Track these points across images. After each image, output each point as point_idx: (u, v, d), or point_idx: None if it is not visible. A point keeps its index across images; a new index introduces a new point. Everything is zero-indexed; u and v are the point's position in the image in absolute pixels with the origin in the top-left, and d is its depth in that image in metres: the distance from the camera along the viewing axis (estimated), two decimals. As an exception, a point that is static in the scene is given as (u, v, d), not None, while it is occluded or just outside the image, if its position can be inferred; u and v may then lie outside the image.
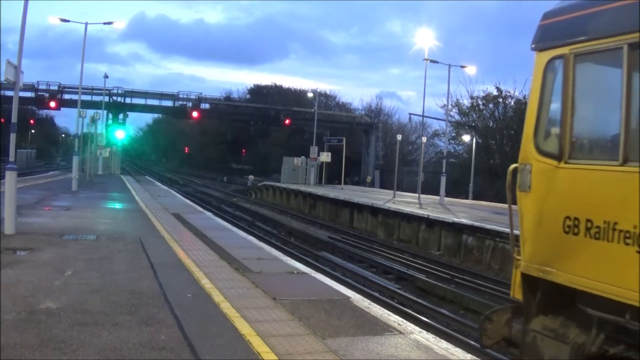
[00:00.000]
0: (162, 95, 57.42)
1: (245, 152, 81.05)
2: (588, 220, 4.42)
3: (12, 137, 11.27)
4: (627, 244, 4.07)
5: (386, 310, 6.62)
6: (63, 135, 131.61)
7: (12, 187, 10.91)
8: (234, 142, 79.57)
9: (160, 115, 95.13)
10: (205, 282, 7.40)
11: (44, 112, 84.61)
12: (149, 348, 4.76)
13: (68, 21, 29.65)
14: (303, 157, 44.30)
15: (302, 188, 36.48)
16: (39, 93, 50.01)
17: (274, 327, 5.58)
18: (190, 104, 55.82)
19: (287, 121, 56.84)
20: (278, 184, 41.30)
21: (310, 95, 57.80)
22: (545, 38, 5.07)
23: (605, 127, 4.76)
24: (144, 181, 40.44)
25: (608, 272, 4.26)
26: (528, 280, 5.06)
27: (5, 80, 11.27)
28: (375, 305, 6.82)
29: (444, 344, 5.37)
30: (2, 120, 38.17)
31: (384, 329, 5.77)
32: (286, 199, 37.39)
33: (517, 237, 5.19)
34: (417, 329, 5.90)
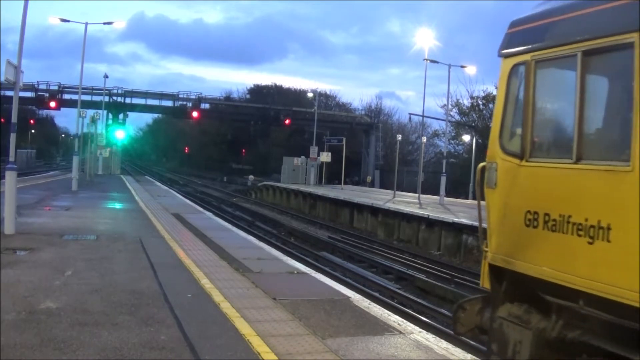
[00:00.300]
0: (162, 95, 57.44)
1: (245, 152, 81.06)
2: (546, 214, 4.81)
3: (12, 137, 11.27)
4: (579, 236, 4.44)
5: (386, 310, 6.63)
6: (63, 135, 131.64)
7: (12, 187, 10.91)
8: (234, 142, 79.57)
9: (160, 115, 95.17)
10: (205, 282, 7.40)
11: (44, 112, 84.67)
12: (149, 348, 4.76)
13: (68, 21, 29.67)
14: (303, 157, 44.31)
15: (302, 188, 36.49)
16: (39, 93, 50.02)
17: (274, 327, 5.58)
18: (190, 104, 55.83)
19: (287, 121, 56.85)
20: (278, 184, 41.31)
21: (310, 95, 57.80)
22: (510, 45, 5.48)
23: (562, 127, 5.15)
24: (144, 181, 40.45)
25: (563, 262, 4.62)
26: (495, 271, 5.45)
27: (5, 80, 11.27)
28: (375, 305, 6.82)
29: (444, 344, 5.37)
30: (2, 120, 38.17)
31: (384, 329, 5.77)
32: (286, 199, 37.39)
33: (485, 231, 5.56)
34: (417, 329, 5.90)
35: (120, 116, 53.57)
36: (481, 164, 5.70)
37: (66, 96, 51.00)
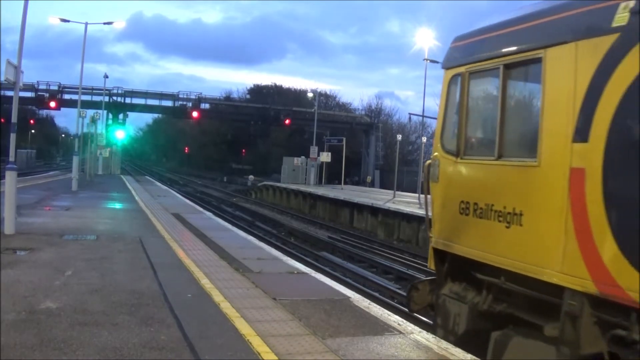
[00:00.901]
0: (162, 95, 57.45)
1: (245, 152, 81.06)
2: (475, 203, 5.70)
3: (12, 137, 11.27)
4: (499, 221, 5.32)
5: (386, 310, 6.62)
6: (63, 135, 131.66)
7: (12, 187, 10.91)
8: (234, 142, 79.56)
9: (160, 115, 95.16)
10: (205, 282, 7.40)
11: (44, 112, 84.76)
12: (149, 348, 4.76)
13: (68, 21, 29.70)
14: (303, 157, 44.32)
15: (302, 188, 36.49)
16: (39, 93, 50.03)
17: (274, 327, 5.58)
18: (190, 104, 55.84)
19: (287, 121, 56.85)
20: (278, 184, 41.31)
21: (310, 95, 57.82)
22: (450, 59, 6.41)
23: (487, 130, 5.98)
24: (144, 181, 40.44)
25: (487, 244, 5.50)
26: (438, 254, 6.41)
27: (5, 80, 11.27)
28: (375, 305, 6.81)
29: (444, 344, 5.37)
30: (2, 120, 38.19)
31: (384, 329, 5.77)
32: (286, 199, 37.41)
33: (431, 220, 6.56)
34: (417, 329, 5.90)
35: (120, 116, 53.58)
36: (427, 162, 6.68)
37: (66, 96, 51.02)
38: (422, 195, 28.66)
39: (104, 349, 4.67)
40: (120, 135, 48.50)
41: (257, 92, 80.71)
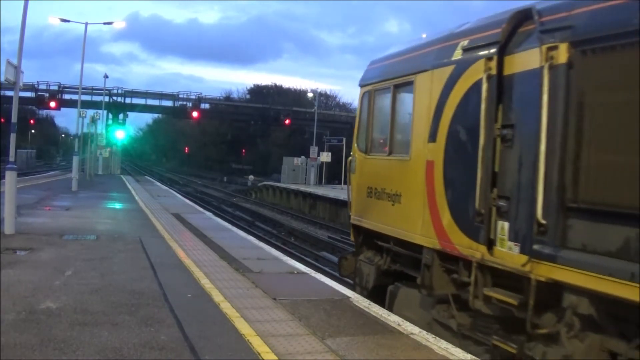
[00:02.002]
0: (162, 95, 57.42)
1: (245, 152, 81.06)
2: (375, 188, 7.62)
3: (12, 137, 11.28)
4: (389, 201, 7.21)
5: (386, 310, 6.62)
6: (63, 135, 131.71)
7: (12, 187, 10.91)
8: (234, 142, 79.58)
9: (160, 115, 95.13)
10: (205, 282, 7.40)
11: (44, 112, 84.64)
12: (149, 348, 4.76)
13: (68, 21, 29.72)
14: (303, 157, 44.32)
15: (302, 188, 36.49)
16: (39, 93, 49.99)
17: (274, 327, 5.58)
18: (190, 104, 55.80)
19: (287, 121, 56.84)
20: (278, 184, 41.31)
21: (310, 95, 57.82)
22: (364, 79, 8.38)
23: (384, 133, 7.76)
24: (144, 181, 40.44)
25: (382, 218, 7.38)
26: (355, 229, 8.43)
27: (5, 80, 11.27)
28: (375, 305, 6.81)
29: (443, 344, 5.37)
30: (2, 120, 38.18)
31: (384, 329, 5.77)
32: (286, 199, 37.40)
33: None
34: (417, 329, 5.89)
35: (120, 116, 53.52)
36: (349, 158, 8.74)
37: (66, 96, 50.98)
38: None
39: (104, 349, 4.67)
40: (120, 135, 48.47)
41: (257, 92, 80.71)
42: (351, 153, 8.70)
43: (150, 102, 57.29)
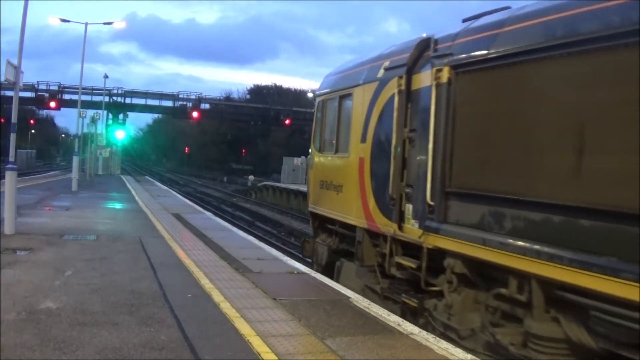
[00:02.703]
0: (162, 96, 57.39)
1: (245, 152, 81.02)
2: (326, 181, 9.29)
3: (12, 137, 11.28)
4: (334, 191, 8.85)
5: (386, 310, 6.62)
6: (63, 135, 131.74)
7: (12, 187, 10.92)
8: (234, 142, 79.57)
9: (160, 115, 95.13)
10: (205, 282, 7.40)
11: (44, 112, 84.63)
12: (149, 348, 4.76)
13: (68, 21, 29.73)
14: (303, 157, 44.24)
15: (302, 188, 36.44)
16: (39, 93, 49.96)
17: (274, 327, 5.58)
18: (190, 104, 55.78)
19: (287, 121, 56.83)
20: (278, 184, 41.29)
21: (310, 95, 57.81)
22: (319, 89, 10.29)
23: (332, 136, 9.39)
24: (144, 181, 40.43)
25: (330, 205, 9.06)
26: (312, 215, 10.14)
27: (5, 80, 11.28)
28: (375, 305, 6.82)
29: (443, 344, 5.37)
30: (2, 120, 38.18)
31: (384, 329, 5.77)
32: (286, 199, 37.38)
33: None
34: (417, 329, 5.90)
35: (120, 116, 53.49)
36: (309, 156, 10.61)
37: (66, 96, 50.94)
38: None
39: (104, 349, 4.67)
40: (120, 135, 48.46)
41: (257, 92, 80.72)
42: (310, 152, 10.48)
43: (150, 102, 57.26)
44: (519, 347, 5.17)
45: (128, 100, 54.96)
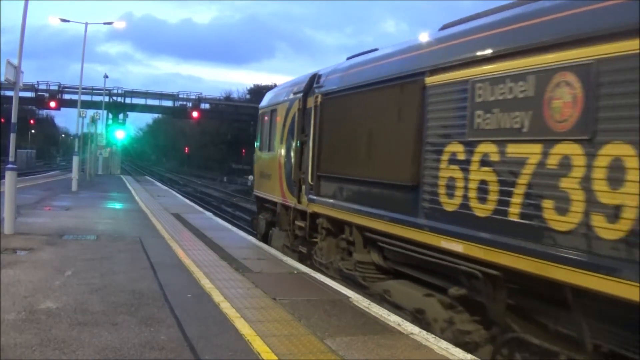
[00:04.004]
0: (162, 95, 57.43)
1: (245, 152, 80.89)
2: (263, 172, 12.52)
3: (12, 137, 11.28)
4: (267, 179, 12.06)
5: (386, 310, 6.62)
6: (63, 135, 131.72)
7: (12, 187, 10.91)
8: (234, 142, 79.47)
9: (160, 115, 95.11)
10: (205, 282, 7.40)
11: (44, 112, 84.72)
12: (149, 348, 4.76)
13: (68, 21, 29.73)
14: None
15: (302, 188, 36.38)
16: (39, 93, 50.00)
17: (274, 327, 5.58)
18: (190, 104, 55.79)
19: (287, 121, 56.73)
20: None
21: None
22: (260, 105, 13.32)
23: (269, 138, 12.08)
24: (144, 181, 40.42)
25: (265, 189, 12.28)
26: (256, 197, 13.65)
27: (5, 80, 11.27)
28: (375, 305, 6.81)
29: (444, 344, 5.36)
30: (2, 120, 38.17)
31: (384, 329, 5.77)
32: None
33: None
34: (417, 329, 5.89)
35: (120, 116, 53.52)
36: (254, 154, 13.90)
37: (66, 96, 50.96)
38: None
39: (104, 349, 4.67)
40: (120, 135, 48.45)
41: (257, 92, 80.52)
42: (255, 150, 13.89)
43: (150, 102, 57.31)
44: (352, 270, 8.18)
45: (128, 100, 55.00)
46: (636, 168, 3.85)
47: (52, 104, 48.80)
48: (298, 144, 9.96)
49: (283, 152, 10.93)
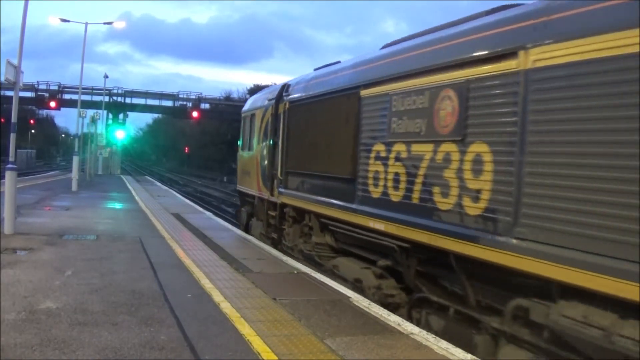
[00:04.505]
0: (162, 95, 57.41)
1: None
2: (244, 169, 14.34)
3: (12, 137, 11.28)
4: (247, 176, 13.84)
5: (386, 310, 6.62)
6: (63, 135, 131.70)
7: (12, 187, 10.91)
8: (234, 142, 79.27)
9: (160, 115, 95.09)
10: (205, 282, 7.40)
11: (44, 112, 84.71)
12: (149, 348, 4.76)
13: (68, 21, 29.71)
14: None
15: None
16: (39, 93, 49.98)
17: (274, 327, 5.58)
18: (190, 104, 55.77)
19: (287, 121, 56.72)
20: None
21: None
22: (243, 109, 15.02)
23: (250, 140, 13.75)
24: (144, 181, 40.41)
25: (246, 184, 13.97)
26: (239, 192, 15.34)
27: (5, 80, 11.27)
28: (375, 305, 6.81)
29: (444, 344, 5.36)
30: (2, 120, 38.15)
31: (384, 329, 5.77)
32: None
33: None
34: (417, 329, 5.89)
35: (120, 116, 53.50)
36: (237, 153, 15.58)
37: (66, 96, 50.95)
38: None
39: (104, 349, 4.67)
40: (120, 135, 48.43)
41: (257, 91, 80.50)
42: (238, 150, 15.41)
43: (150, 102, 57.28)
44: (311, 251, 9.63)
45: (128, 100, 54.98)
46: (490, 162, 5.12)
47: (52, 104, 48.78)
48: (271, 145, 11.45)
49: (260, 151, 12.50)
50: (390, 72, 7.08)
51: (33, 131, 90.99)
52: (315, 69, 10.44)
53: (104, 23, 32.47)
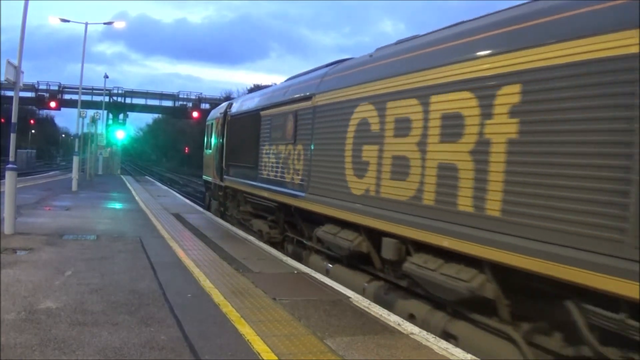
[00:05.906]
0: (162, 96, 57.41)
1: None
2: (206, 163, 19.82)
3: (12, 137, 11.27)
4: (208, 167, 19.06)
5: (386, 310, 6.62)
6: (63, 135, 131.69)
7: (12, 187, 10.91)
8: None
9: (160, 115, 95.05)
10: (205, 282, 7.40)
11: (44, 112, 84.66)
12: (149, 348, 4.76)
13: (68, 21, 29.67)
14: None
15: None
16: (39, 93, 49.96)
17: (274, 327, 5.58)
18: (190, 104, 55.77)
19: (287, 121, 56.70)
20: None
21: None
22: (208, 118, 20.35)
23: (212, 143, 18.15)
24: (144, 181, 40.42)
25: (208, 174, 19.14)
26: (204, 181, 20.81)
27: (5, 80, 11.27)
28: (375, 305, 6.81)
29: (443, 344, 5.36)
30: (2, 120, 38.16)
31: (384, 329, 5.77)
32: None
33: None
34: (417, 329, 5.89)
35: (121, 116, 53.49)
36: (204, 152, 20.49)
37: (66, 96, 50.94)
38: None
39: (104, 349, 4.67)
40: (120, 135, 48.42)
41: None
42: (204, 149, 19.78)
43: (150, 102, 57.29)
44: (239, 217, 14.41)
45: (128, 100, 54.98)
46: (304, 154, 9.47)
47: (52, 104, 48.77)
48: (220, 145, 16.22)
49: (215, 150, 17.22)
50: (271, 102, 11.71)
51: (33, 131, 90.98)
52: (248, 91, 13.56)
53: (105, 23, 32.44)
